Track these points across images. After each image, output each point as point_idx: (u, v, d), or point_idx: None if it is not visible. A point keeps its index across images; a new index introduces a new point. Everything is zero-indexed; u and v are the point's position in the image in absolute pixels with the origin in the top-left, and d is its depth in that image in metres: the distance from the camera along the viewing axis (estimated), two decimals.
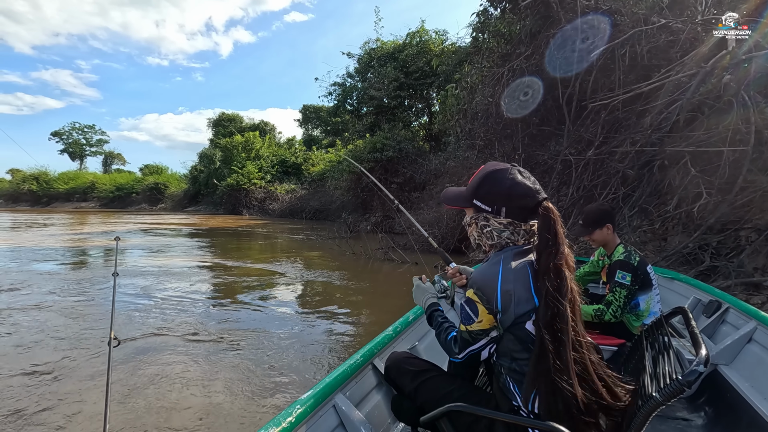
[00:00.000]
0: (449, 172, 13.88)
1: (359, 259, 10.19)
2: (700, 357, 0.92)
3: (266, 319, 5.11)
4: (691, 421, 2.05)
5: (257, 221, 25.52)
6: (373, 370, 1.77)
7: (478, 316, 1.14)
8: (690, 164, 5.11)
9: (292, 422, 1.24)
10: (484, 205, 1.20)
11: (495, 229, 1.19)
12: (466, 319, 1.17)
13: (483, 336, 1.15)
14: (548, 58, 7.19)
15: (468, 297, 1.17)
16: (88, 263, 9.40)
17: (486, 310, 1.12)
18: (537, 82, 7.47)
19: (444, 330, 1.31)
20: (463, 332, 1.19)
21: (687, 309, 1.28)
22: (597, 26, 6.33)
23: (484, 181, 1.21)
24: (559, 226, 1.11)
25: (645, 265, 2.28)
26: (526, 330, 1.09)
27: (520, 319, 1.09)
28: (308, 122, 42.80)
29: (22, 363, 3.69)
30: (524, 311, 1.08)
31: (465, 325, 1.18)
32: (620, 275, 2.21)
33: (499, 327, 1.14)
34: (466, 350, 1.19)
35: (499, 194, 1.18)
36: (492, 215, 1.19)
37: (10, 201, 52.65)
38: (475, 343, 1.17)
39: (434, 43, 19.55)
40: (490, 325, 1.14)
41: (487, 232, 1.21)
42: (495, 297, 1.10)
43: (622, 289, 2.20)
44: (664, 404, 0.93)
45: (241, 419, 2.83)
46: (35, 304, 5.62)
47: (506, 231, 1.18)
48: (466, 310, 1.17)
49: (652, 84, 5.61)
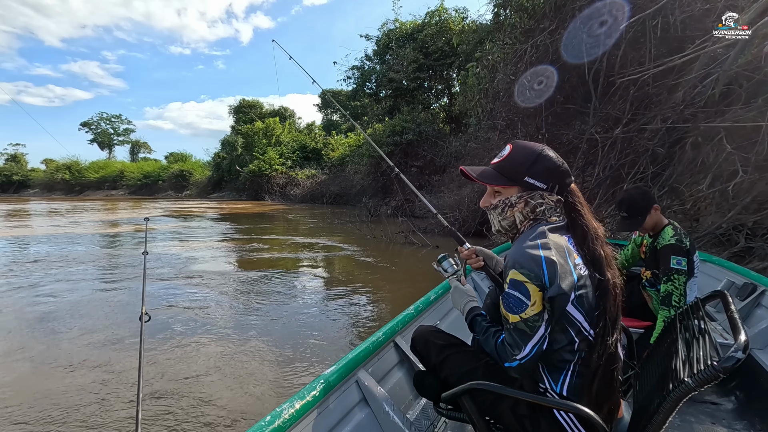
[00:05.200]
0: (470, 154, 13.67)
1: (380, 242, 10.24)
2: (739, 343, 0.87)
3: (290, 300, 5.24)
4: (720, 405, 2.00)
5: (279, 206, 25.91)
6: (395, 347, 1.79)
7: (531, 297, 1.02)
8: (725, 140, 4.87)
9: (317, 396, 1.27)
10: (539, 182, 1.13)
11: (548, 208, 1.14)
12: (517, 307, 1.04)
13: (540, 321, 1.03)
14: (573, 32, 6.89)
15: (513, 279, 1.05)
16: (124, 244, 9.80)
17: (537, 287, 1.02)
18: (552, 71, 7.20)
19: (492, 334, 1.16)
20: (517, 323, 1.05)
21: (726, 293, 1.24)
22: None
23: (538, 159, 1.14)
24: (585, 206, 1.12)
25: (695, 250, 2.11)
26: (566, 312, 1.04)
27: (563, 297, 1.03)
28: (327, 107, 42.71)
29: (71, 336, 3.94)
30: (567, 287, 1.02)
31: (517, 315, 1.04)
32: (675, 260, 2.00)
33: (547, 305, 1.04)
34: (526, 347, 1.04)
35: (553, 171, 1.13)
36: (547, 192, 1.14)
37: (45, 190, 54.99)
38: (534, 333, 1.03)
39: (454, 22, 19.03)
40: (543, 306, 1.04)
41: (539, 211, 1.14)
42: (541, 270, 1.02)
43: (680, 275, 1.99)
44: (696, 390, 0.89)
45: (267, 391, 2.94)
46: (75, 282, 5.93)
47: (557, 208, 1.16)
48: (515, 295, 1.05)
49: (686, 56, 5.31)
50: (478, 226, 10.13)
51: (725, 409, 1.97)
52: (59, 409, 2.78)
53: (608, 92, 6.84)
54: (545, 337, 1.05)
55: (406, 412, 1.69)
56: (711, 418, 1.90)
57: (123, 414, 2.70)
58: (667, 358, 1.16)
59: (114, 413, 2.71)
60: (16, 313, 4.77)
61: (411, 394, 1.79)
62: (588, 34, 6.51)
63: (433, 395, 1.35)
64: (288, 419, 1.14)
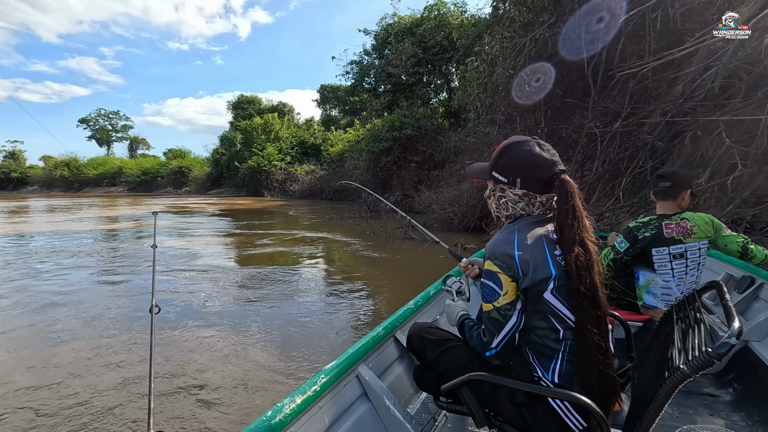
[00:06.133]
0: (469, 149, 13.65)
1: (380, 238, 10.25)
2: (733, 329, 0.89)
3: (291, 295, 5.26)
4: (718, 398, 2.01)
5: (279, 202, 25.90)
6: (395, 342, 1.80)
7: (503, 287, 1.10)
8: (725, 134, 4.86)
9: (317, 391, 1.28)
10: (501, 176, 1.21)
11: (510, 200, 1.20)
12: (490, 296, 1.13)
13: (512, 310, 1.11)
14: (572, 27, 6.85)
15: (487, 270, 1.14)
16: (131, 239, 9.80)
17: (509, 278, 1.09)
18: (549, 68, 7.18)
19: (474, 329, 1.27)
20: (491, 312, 1.13)
21: (721, 283, 1.24)
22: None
23: (502, 153, 1.22)
24: (576, 198, 1.10)
25: (652, 247, 2.10)
26: (544, 299, 1.09)
27: (538, 286, 1.08)
28: (326, 102, 42.58)
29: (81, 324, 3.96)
30: (542, 277, 1.07)
31: (491, 303, 1.13)
32: (619, 239, 2.18)
33: (521, 295, 1.11)
34: (499, 334, 1.13)
35: (514, 165, 1.18)
36: (508, 186, 1.20)
37: (44, 187, 54.89)
38: (507, 321, 1.11)
39: (453, 16, 18.93)
40: (516, 295, 1.10)
41: (503, 203, 1.22)
42: (514, 262, 1.09)
43: (612, 251, 2.18)
44: (691, 377, 0.91)
45: (269, 383, 2.96)
46: (83, 278, 5.94)
47: (521, 202, 1.18)
48: (489, 284, 1.13)
49: (686, 49, 5.28)
50: (478, 221, 10.15)
51: (723, 401, 1.99)
52: (72, 398, 2.80)
53: (607, 86, 6.82)
54: (518, 325, 1.12)
55: (407, 407, 1.70)
56: (709, 410, 1.91)
57: (135, 404, 2.72)
58: (663, 349, 1.18)
59: (124, 406, 2.73)
60: (27, 301, 4.80)
61: (411, 388, 1.80)
62: (586, 30, 6.48)
63: (434, 389, 1.37)
64: (289, 414, 1.15)
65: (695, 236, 2.07)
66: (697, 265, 2.08)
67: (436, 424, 1.68)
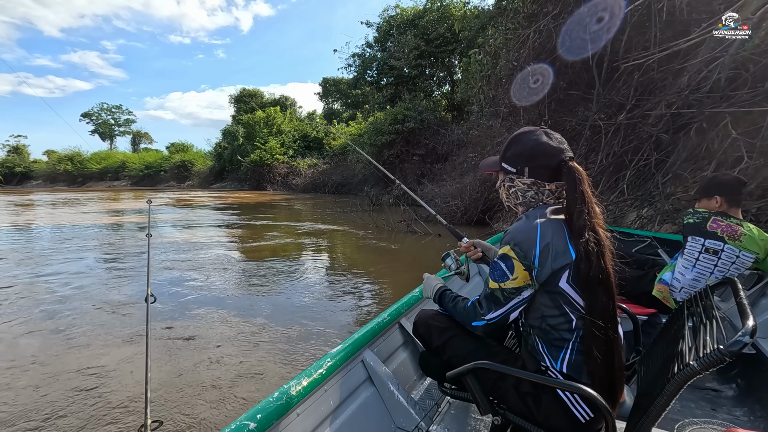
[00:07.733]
0: (472, 141, 13.60)
1: (382, 231, 10.26)
2: (747, 327, 0.88)
3: (296, 285, 5.29)
4: (721, 392, 2.01)
5: (281, 196, 25.93)
6: (399, 329, 1.82)
7: (514, 273, 1.11)
8: (731, 126, 4.82)
9: (323, 374, 1.30)
10: (510, 166, 1.23)
11: (519, 190, 1.22)
12: (500, 276, 1.14)
13: (515, 295, 1.13)
14: (574, 25, 6.78)
15: (503, 254, 1.15)
16: (129, 232, 9.86)
17: (523, 266, 1.10)
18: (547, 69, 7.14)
19: (459, 301, 1.30)
20: (494, 290, 1.16)
21: (736, 280, 1.24)
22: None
23: (510, 143, 1.24)
24: (585, 185, 1.10)
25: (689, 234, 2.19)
26: (560, 288, 1.08)
27: (556, 274, 1.08)
28: (328, 95, 42.45)
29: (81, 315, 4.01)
30: (561, 265, 1.07)
31: (498, 282, 1.15)
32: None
33: (534, 284, 1.12)
34: (495, 312, 1.17)
35: (521, 155, 1.20)
36: (516, 176, 1.22)
37: (48, 181, 55.17)
38: (506, 302, 1.15)
39: (456, 7, 18.78)
40: (524, 283, 1.12)
41: (513, 193, 1.24)
42: (534, 251, 1.09)
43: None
44: (700, 373, 0.90)
45: (274, 369, 2.99)
46: (81, 268, 6.00)
47: (530, 191, 1.20)
48: (501, 266, 1.14)
49: (692, 40, 5.23)
50: (481, 214, 10.14)
51: (726, 396, 1.98)
52: (65, 390, 2.83)
53: (612, 78, 6.76)
54: (514, 309, 1.15)
55: (411, 392, 1.72)
56: (711, 405, 1.91)
57: (131, 392, 2.75)
58: (673, 343, 1.17)
59: (121, 393, 2.76)
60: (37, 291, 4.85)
61: (415, 374, 1.81)
62: (587, 30, 6.42)
63: (438, 375, 1.37)
64: (295, 396, 1.17)
65: (740, 244, 2.01)
66: (727, 270, 2.05)
67: (439, 410, 1.70)
